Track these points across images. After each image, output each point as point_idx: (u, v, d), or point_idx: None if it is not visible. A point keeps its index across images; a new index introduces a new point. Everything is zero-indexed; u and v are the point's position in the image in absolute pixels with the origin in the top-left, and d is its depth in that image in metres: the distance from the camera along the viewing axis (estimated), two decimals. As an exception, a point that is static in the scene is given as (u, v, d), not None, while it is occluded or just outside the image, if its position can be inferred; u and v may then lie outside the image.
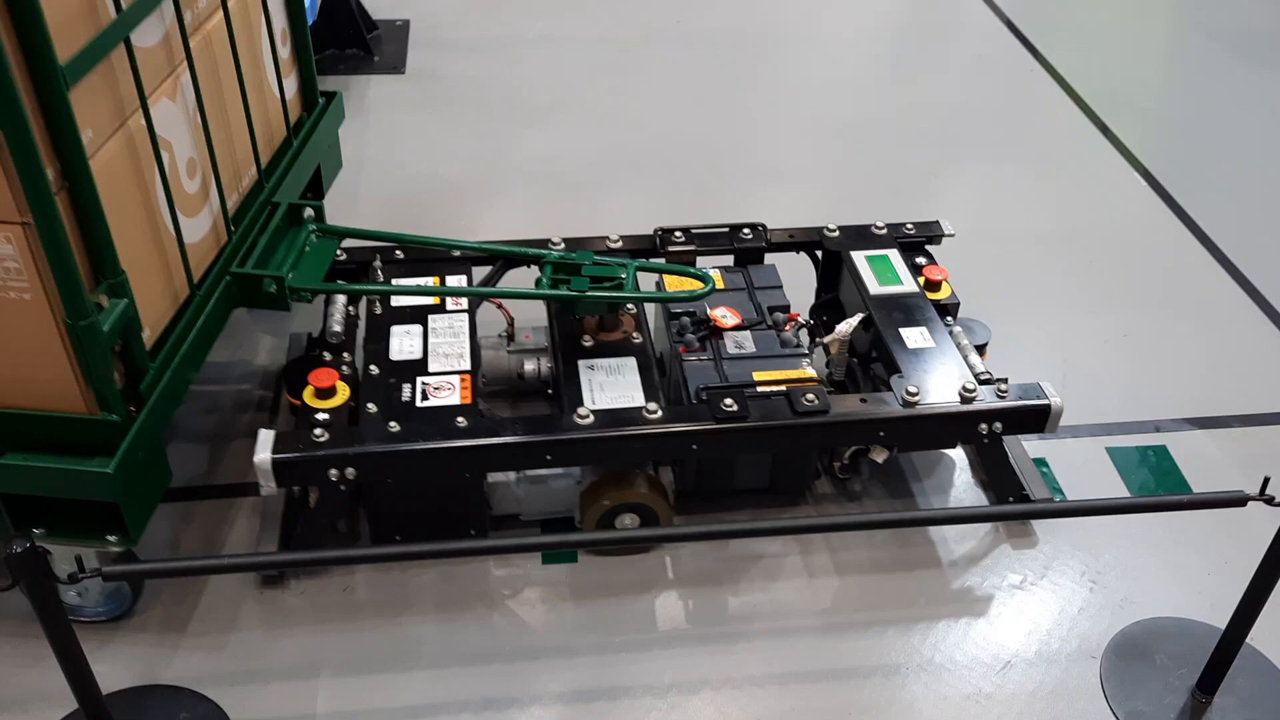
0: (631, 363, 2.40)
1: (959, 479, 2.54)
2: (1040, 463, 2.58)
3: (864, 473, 2.48)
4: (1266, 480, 1.87)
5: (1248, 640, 2.11)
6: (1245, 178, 3.72)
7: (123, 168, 1.90)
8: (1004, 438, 2.33)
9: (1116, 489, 2.55)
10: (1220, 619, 2.08)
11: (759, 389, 2.30)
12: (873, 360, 2.47)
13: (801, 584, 2.32)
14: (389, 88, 3.03)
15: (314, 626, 2.21)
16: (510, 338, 2.62)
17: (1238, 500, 1.91)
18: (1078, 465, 2.60)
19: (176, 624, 2.19)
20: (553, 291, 2.32)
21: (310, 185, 2.81)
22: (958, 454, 2.60)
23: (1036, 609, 2.31)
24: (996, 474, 2.35)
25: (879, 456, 2.31)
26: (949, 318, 2.48)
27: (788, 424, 2.21)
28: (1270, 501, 1.88)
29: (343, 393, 2.28)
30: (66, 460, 1.85)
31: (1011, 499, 2.38)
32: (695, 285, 2.47)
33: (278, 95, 2.61)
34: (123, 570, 1.92)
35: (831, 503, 2.48)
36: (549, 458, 2.21)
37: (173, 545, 2.34)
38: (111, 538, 1.95)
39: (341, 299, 2.53)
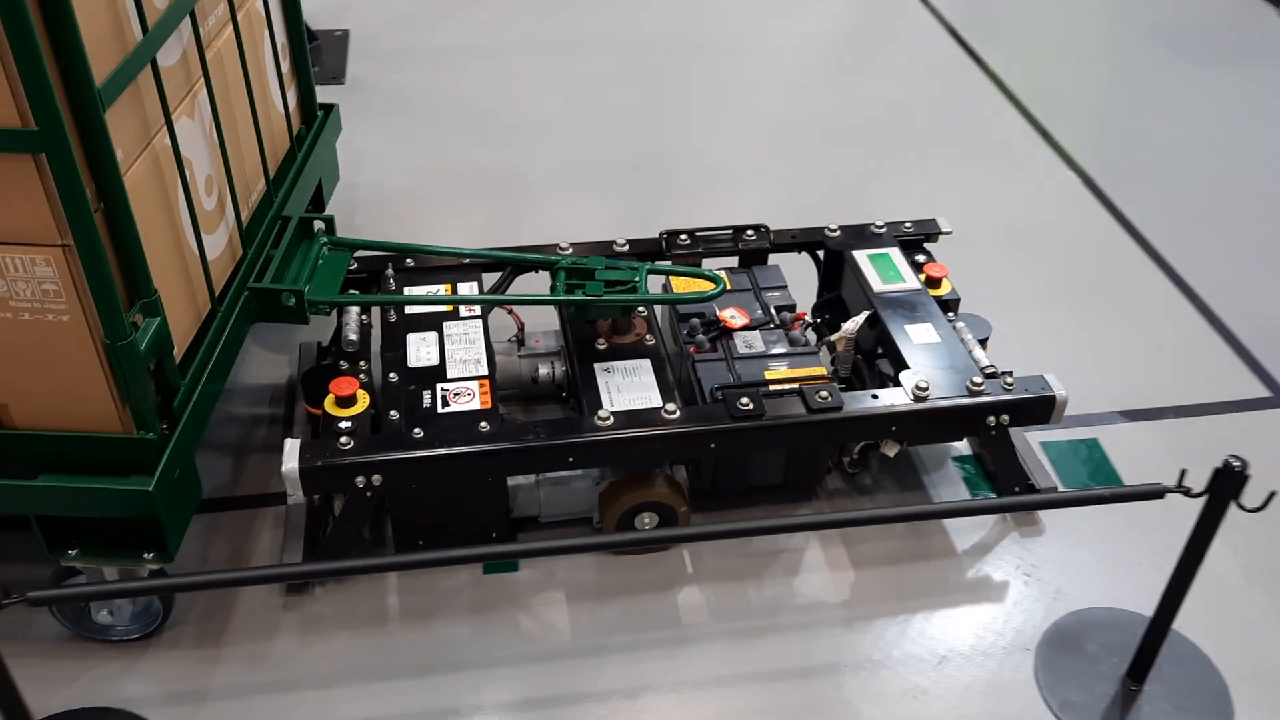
0: (646, 364, 2.45)
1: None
2: (969, 460, 2.64)
3: (873, 467, 2.55)
4: (1183, 473, 1.92)
5: (1176, 628, 2.17)
6: (1175, 173, 3.79)
7: (150, 187, 1.93)
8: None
9: (1051, 483, 2.58)
10: (1150, 608, 2.12)
11: (772, 388, 2.36)
12: (878, 356, 2.54)
13: (749, 586, 2.36)
14: (329, 98, 3.07)
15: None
16: (520, 342, 2.66)
17: (1156, 493, 1.94)
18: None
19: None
20: (570, 297, 2.37)
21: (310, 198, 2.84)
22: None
23: (972, 603, 2.34)
24: (1003, 465, 2.42)
25: (891, 451, 2.38)
26: (950, 313, 2.55)
27: (803, 421, 2.27)
28: (1188, 493, 1.92)
29: (363, 401, 2.31)
30: (104, 480, 1.87)
31: (1018, 489, 2.45)
32: (704, 287, 2.52)
33: (281, 109, 2.63)
34: (161, 584, 1.94)
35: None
36: (571, 460, 2.26)
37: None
38: (148, 555, 1.97)
39: (355, 307, 2.56)
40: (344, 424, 2.25)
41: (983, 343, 2.53)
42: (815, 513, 2.50)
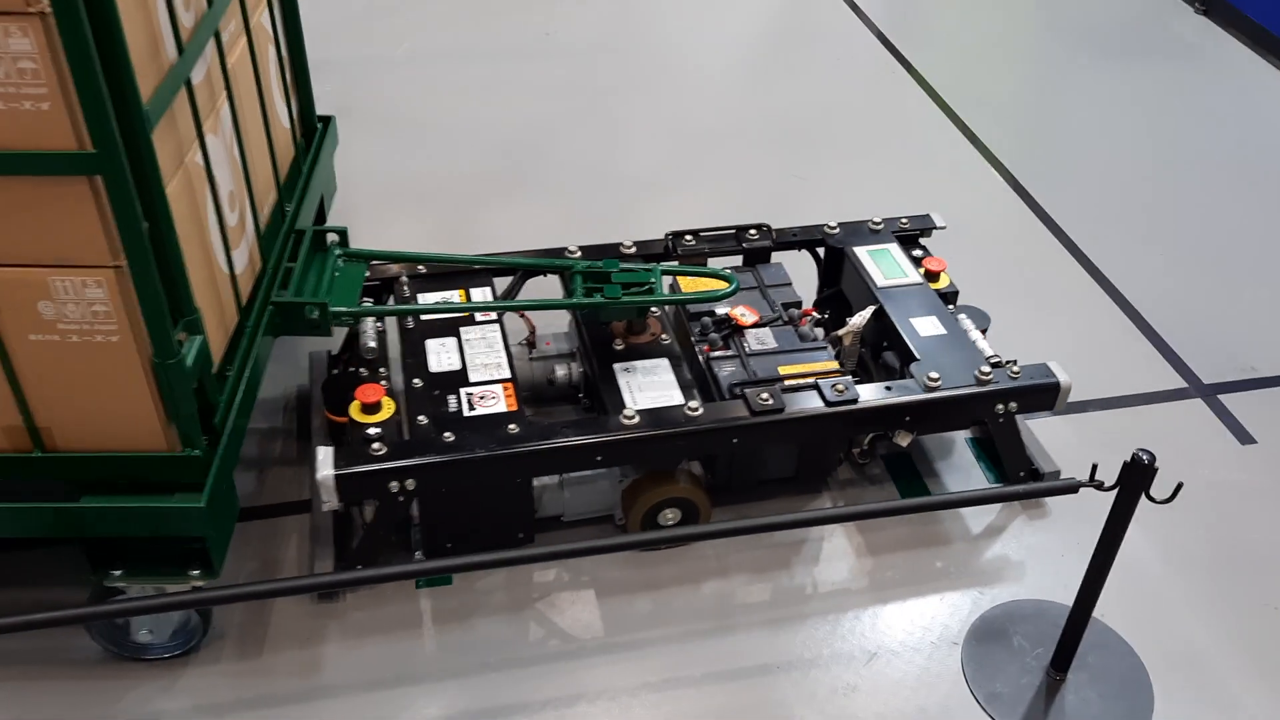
0: (664, 363, 2.51)
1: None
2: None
3: (879, 456, 2.63)
4: (1095, 467, 2.01)
5: (1099, 617, 2.27)
6: (1093, 168, 3.88)
7: (184, 204, 1.94)
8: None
9: (977, 479, 2.66)
10: (1073, 599, 2.16)
11: (788, 382, 2.43)
12: (884, 349, 2.62)
13: (689, 589, 2.41)
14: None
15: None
16: (532, 345, 2.70)
17: (1070, 488, 2.02)
18: (938, 456, 2.72)
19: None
20: (591, 300, 2.42)
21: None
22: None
23: (901, 600, 2.40)
24: (1009, 451, 2.50)
25: (903, 440, 2.46)
26: (950, 305, 2.64)
27: (821, 413, 2.34)
28: (1100, 487, 2.01)
29: (388, 407, 2.35)
30: (154, 499, 1.89)
31: (1023, 474, 2.54)
32: (715, 286, 2.58)
33: (286, 123, 2.65)
34: (209, 598, 1.96)
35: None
36: (599, 459, 2.31)
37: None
38: (194, 572, 1.99)
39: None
40: (372, 430, 2.28)
41: (982, 333, 2.62)
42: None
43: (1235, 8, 4.69)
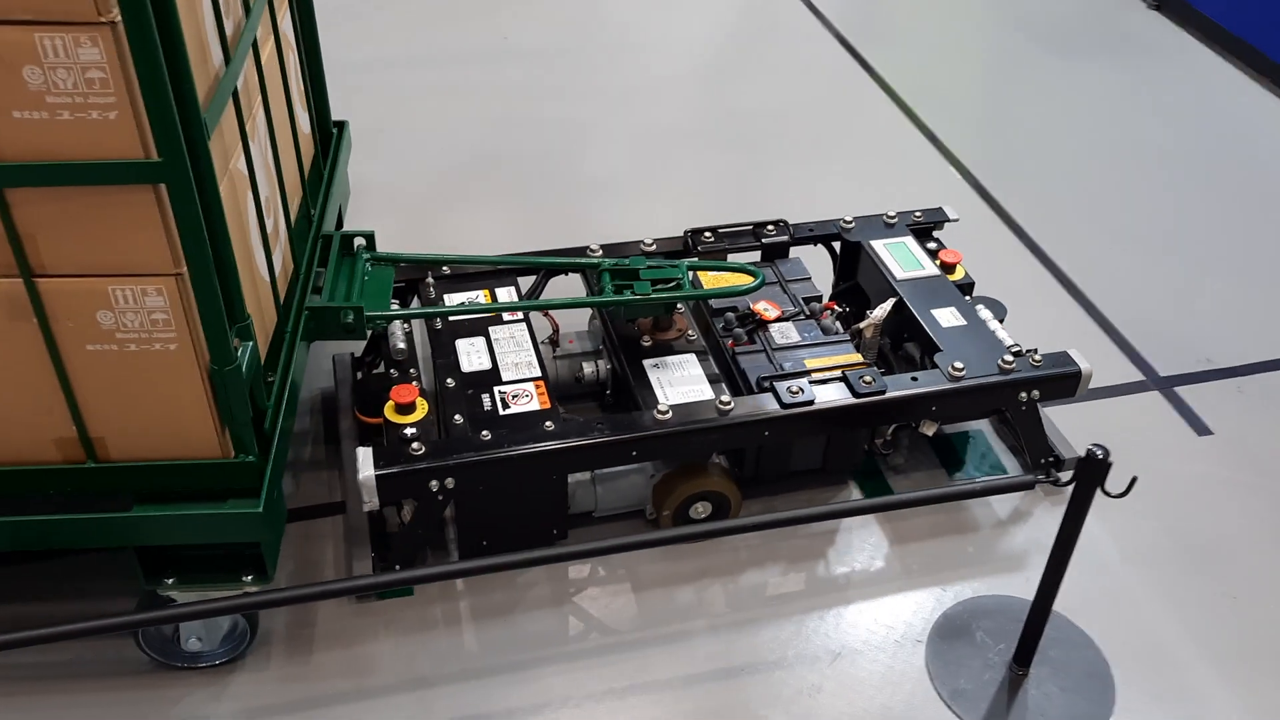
0: (692, 358, 2.54)
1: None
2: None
3: (905, 447, 2.68)
4: (1049, 463, 2.06)
5: (1061, 611, 2.30)
6: (1051, 165, 3.91)
7: (230, 210, 1.94)
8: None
9: (937, 476, 2.70)
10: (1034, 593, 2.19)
11: (815, 375, 2.47)
12: (904, 341, 2.67)
13: (627, 599, 2.40)
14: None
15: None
16: (555, 344, 2.73)
17: (1026, 484, 2.07)
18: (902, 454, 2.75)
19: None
20: (621, 297, 2.45)
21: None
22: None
23: (864, 599, 2.41)
24: (1031, 439, 2.55)
25: (929, 430, 2.51)
26: (968, 296, 2.69)
27: (850, 405, 2.38)
28: (1056, 482, 2.06)
29: (422, 407, 2.37)
30: (208, 506, 1.90)
31: (1045, 461, 2.60)
32: (739, 281, 2.61)
33: (307, 127, 2.66)
34: (261, 601, 1.97)
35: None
36: (635, 454, 2.34)
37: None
38: (248, 578, 2.00)
39: (398, 318, 2.60)
40: (409, 430, 2.30)
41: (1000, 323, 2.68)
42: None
43: (1187, 3, 4.76)
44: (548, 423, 2.32)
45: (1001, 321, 2.66)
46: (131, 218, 1.63)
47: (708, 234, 2.79)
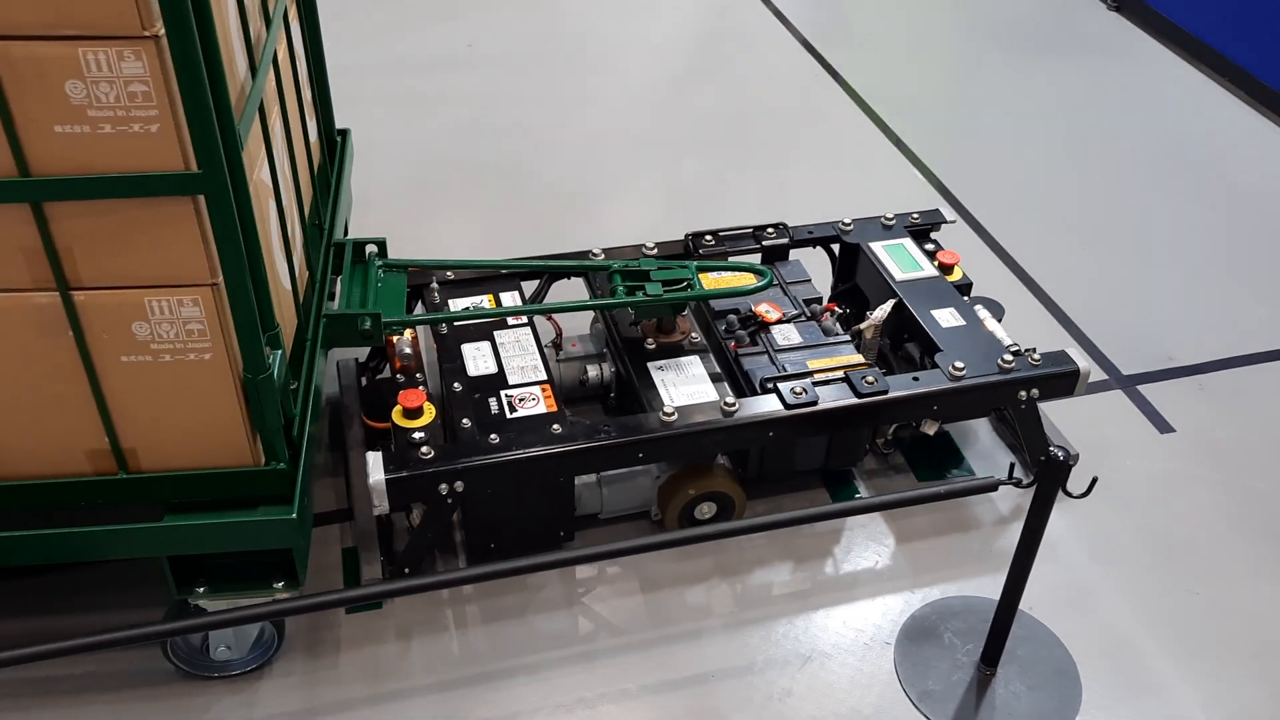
0: (696, 360, 2.58)
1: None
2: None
3: (906, 445, 2.74)
4: (1013, 465, 2.13)
5: (1027, 610, 2.36)
6: (1012, 166, 3.99)
7: (257, 221, 1.95)
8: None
9: (905, 477, 2.75)
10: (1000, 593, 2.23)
11: (818, 376, 2.52)
12: (905, 341, 2.73)
13: (599, 607, 2.43)
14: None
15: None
16: (559, 347, 2.76)
17: (990, 486, 2.10)
18: (869, 456, 2.79)
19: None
20: (633, 298, 2.48)
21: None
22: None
23: (834, 603, 2.46)
24: (1031, 436, 2.61)
25: (930, 429, 2.56)
26: (966, 296, 2.76)
27: (853, 405, 2.43)
28: (1018, 484, 2.11)
29: (430, 412, 2.39)
30: (242, 514, 1.91)
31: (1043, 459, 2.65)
32: (743, 281, 2.65)
33: (315, 136, 2.66)
34: (290, 608, 1.98)
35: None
36: (641, 455, 2.38)
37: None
38: (279, 584, 2.02)
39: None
40: (417, 434, 2.32)
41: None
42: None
43: (1145, 3, 4.87)
44: (555, 425, 2.35)
45: (1000, 321, 2.73)
46: (170, 229, 1.64)
47: (708, 237, 2.84)
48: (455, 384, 2.49)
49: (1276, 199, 3.81)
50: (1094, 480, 2.04)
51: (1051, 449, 1.98)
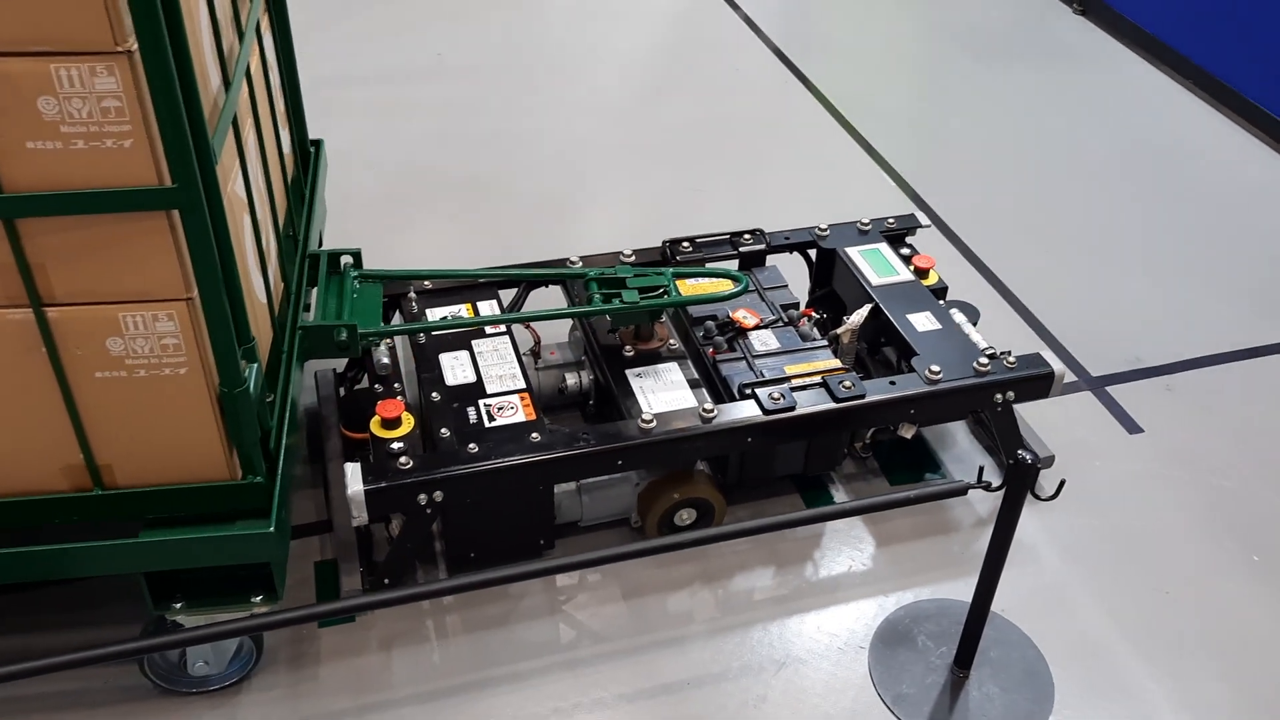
0: (674, 367, 2.59)
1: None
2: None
3: (883, 449, 2.76)
4: (981, 469, 2.14)
5: (1000, 612, 2.38)
6: (979, 168, 4.03)
7: (231, 233, 1.95)
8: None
9: (878, 481, 2.77)
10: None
11: (795, 381, 2.53)
12: (881, 345, 2.74)
13: (595, 609, 2.45)
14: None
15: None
16: (537, 356, 2.76)
17: (959, 490, 2.11)
18: (847, 460, 2.79)
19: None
20: (610, 306, 2.49)
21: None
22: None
23: (808, 609, 2.46)
24: (1007, 439, 2.63)
25: (907, 433, 2.58)
26: (942, 300, 2.77)
27: (831, 409, 2.44)
28: (987, 488, 2.11)
29: (408, 422, 2.38)
30: (220, 528, 1.90)
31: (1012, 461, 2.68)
32: (722, 287, 2.65)
33: (289, 147, 2.65)
34: (269, 622, 1.97)
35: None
36: (621, 463, 2.38)
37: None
38: (257, 598, 2.01)
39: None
40: (396, 445, 2.32)
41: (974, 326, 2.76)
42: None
43: (1112, 7, 4.92)
44: (534, 434, 2.35)
45: (975, 325, 2.75)
46: (144, 244, 1.63)
47: (686, 244, 2.84)
48: (434, 393, 2.48)
49: (1240, 200, 3.86)
50: (1062, 482, 2.05)
51: (1020, 452, 2.00)
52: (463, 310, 2.68)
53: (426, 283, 2.72)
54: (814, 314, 2.74)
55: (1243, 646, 2.40)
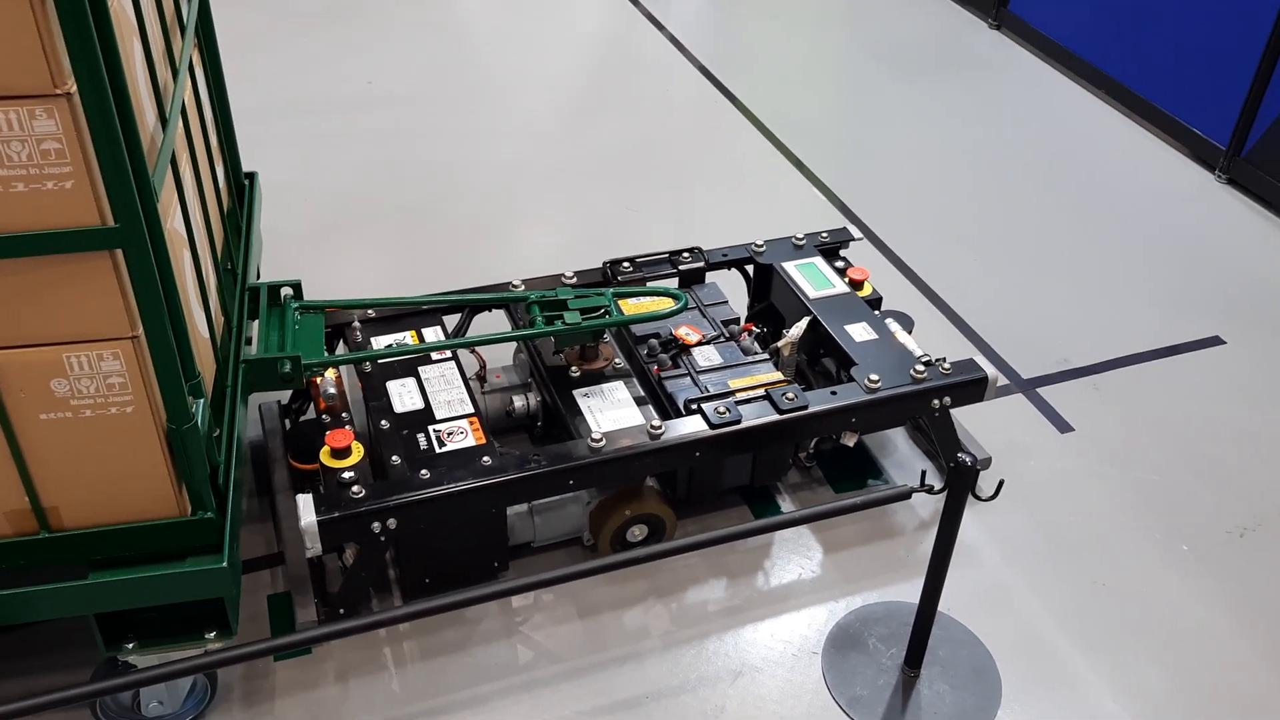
0: (620, 385, 2.62)
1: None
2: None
3: (827, 458, 2.81)
4: (924, 473, 2.23)
5: (946, 612, 2.45)
6: (904, 179, 4.12)
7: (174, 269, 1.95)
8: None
9: (823, 490, 2.81)
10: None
11: (740, 395, 2.57)
12: (821, 357, 2.80)
13: (546, 632, 2.45)
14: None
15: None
16: (483, 379, 2.77)
17: (903, 494, 2.19)
18: (792, 469, 2.83)
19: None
20: (552, 328, 2.51)
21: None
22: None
23: (761, 617, 2.50)
24: (946, 443, 2.70)
25: (849, 440, 2.63)
26: (877, 311, 2.84)
27: (775, 421, 2.49)
28: (930, 490, 2.19)
29: (358, 451, 2.38)
30: (171, 566, 1.89)
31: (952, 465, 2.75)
32: (663, 305, 2.69)
33: (225, 181, 2.65)
34: (221, 659, 1.96)
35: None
36: (572, 482, 2.40)
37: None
38: (210, 635, 1.99)
39: (326, 364, 2.61)
40: (346, 474, 2.32)
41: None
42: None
43: (1024, 21, 5.07)
44: (485, 458, 2.37)
45: (910, 334, 2.82)
46: (88, 285, 1.63)
47: (626, 264, 2.88)
48: (383, 421, 2.49)
49: (1152, 202, 4.00)
50: (1000, 483, 2.12)
51: (961, 455, 2.05)
52: (407, 337, 2.69)
53: (370, 311, 2.73)
54: (754, 328, 2.79)
55: (1176, 633, 2.48)
